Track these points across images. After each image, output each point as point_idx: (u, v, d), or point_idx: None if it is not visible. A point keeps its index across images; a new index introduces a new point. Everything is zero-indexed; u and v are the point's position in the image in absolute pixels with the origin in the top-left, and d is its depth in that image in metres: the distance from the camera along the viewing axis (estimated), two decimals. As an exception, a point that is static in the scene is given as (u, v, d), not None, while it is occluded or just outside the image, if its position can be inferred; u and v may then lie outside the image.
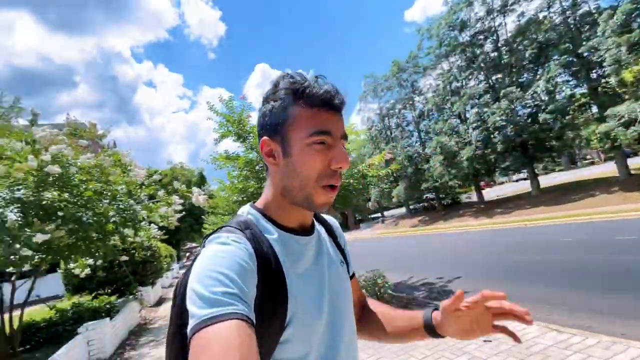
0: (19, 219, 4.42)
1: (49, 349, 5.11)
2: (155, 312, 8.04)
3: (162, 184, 8.92)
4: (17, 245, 4.19)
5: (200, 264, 0.51)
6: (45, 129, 5.29)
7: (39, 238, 4.33)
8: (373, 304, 0.87)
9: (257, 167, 6.69)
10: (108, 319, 5.23)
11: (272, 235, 0.62)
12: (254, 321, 0.47)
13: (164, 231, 8.38)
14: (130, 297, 7.73)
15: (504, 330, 0.64)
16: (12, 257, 4.32)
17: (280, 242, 0.61)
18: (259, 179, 6.59)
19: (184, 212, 7.88)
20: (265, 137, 0.62)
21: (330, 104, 0.59)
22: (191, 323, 0.45)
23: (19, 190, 4.77)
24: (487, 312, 0.64)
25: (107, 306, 6.53)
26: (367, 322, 0.83)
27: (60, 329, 5.73)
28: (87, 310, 6.24)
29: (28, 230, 4.46)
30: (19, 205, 4.57)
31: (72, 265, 6.88)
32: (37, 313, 6.74)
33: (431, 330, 0.71)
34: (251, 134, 6.41)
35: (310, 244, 0.67)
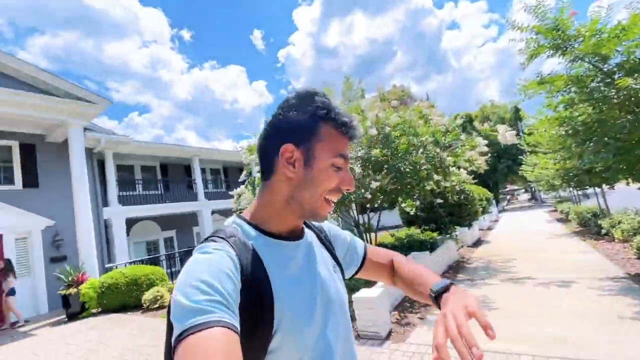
0: (361, 171, 6.09)
1: (392, 265, 6.87)
2: (471, 252, 8.40)
3: (465, 127, 8.77)
4: (362, 190, 5.78)
5: (182, 276, 0.51)
6: (367, 99, 6.75)
7: (374, 185, 5.71)
8: (399, 267, 0.86)
9: (590, 85, 4.71)
10: (428, 252, 6.13)
11: (257, 241, 0.62)
12: (238, 328, 0.46)
13: (472, 175, 8.34)
14: (447, 236, 8.56)
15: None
16: (362, 197, 6.03)
17: (266, 248, 0.61)
18: (594, 101, 4.65)
19: (495, 154, 7.37)
20: (289, 144, 0.62)
21: (351, 132, 0.65)
22: (175, 333, 0.45)
23: (359, 151, 6.53)
24: None
25: (431, 240, 7.65)
26: (398, 284, 0.86)
27: (399, 252, 7.50)
28: (416, 241, 7.66)
29: (367, 180, 6.06)
30: (360, 161, 6.23)
31: (403, 204, 8.68)
32: (383, 237, 9.22)
33: (437, 302, 0.70)
34: (578, 39, 4.52)
35: (300, 248, 0.67)
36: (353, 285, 4.99)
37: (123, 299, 7.28)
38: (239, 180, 7.87)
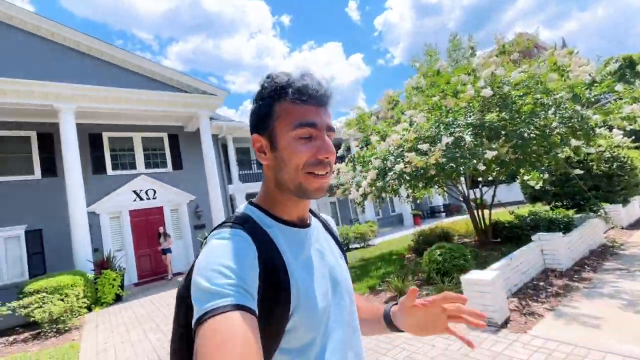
0: (473, 139, 5.37)
1: (511, 246, 6.00)
2: (628, 235, 6.59)
3: (622, 74, 6.64)
4: (474, 161, 5.12)
5: (202, 259, 0.53)
6: (479, 56, 5.80)
7: (489, 155, 4.98)
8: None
9: None
10: (561, 233, 5.08)
11: (271, 227, 0.63)
12: (256, 311, 0.48)
13: (631, 138, 6.39)
14: (591, 214, 6.90)
15: (459, 336, 0.68)
16: (472, 169, 5.35)
17: (280, 234, 0.62)
18: None
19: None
20: (255, 134, 0.64)
21: (312, 97, 0.60)
22: (195, 315, 0.46)
23: (470, 116, 5.75)
24: (443, 313, 0.69)
25: (565, 219, 6.34)
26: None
27: (519, 232, 6.47)
28: (542, 219, 6.46)
29: (479, 149, 5.31)
30: (471, 128, 5.49)
31: (526, 177, 7.38)
32: (500, 215, 8.08)
33: (389, 322, 0.77)
34: None
35: (309, 235, 0.68)
36: (462, 266, 4.59)
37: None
38: (337, 155, 8.02)
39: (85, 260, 7.39)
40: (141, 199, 10.04)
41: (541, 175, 6.46)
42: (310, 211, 0.74)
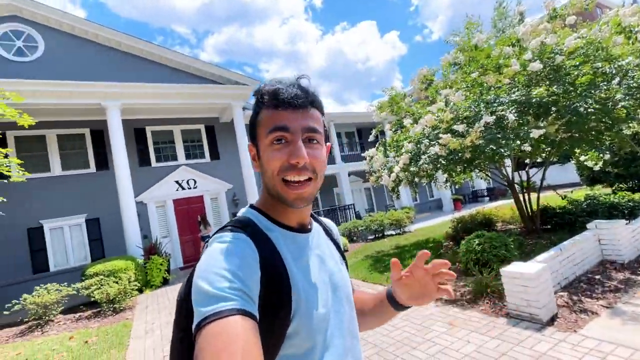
0: (517, 118, 4.88)
1: (563, 234, 5.46)
2: None
3: None
4: (518, 142, 4.66)
5: (203, 263, 0.52)
6: (526, 24, 5.18)
7: (535, 134, 4.50)
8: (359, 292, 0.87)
9: None
10: (623, 220, 4.48)
11: (273, 231, 0.63)
12: (257, 316, 0.48)
13: None
14: (664, 197, 6.03)
15: (446, 290, 0.70)
16: (516, 150, 4.87)
17: (281, 238, 0.63)
18: None
19: None
20: (249, 143, 0.68)
21: (285, 102, 0.60)
22: (196, 319, 0.46)
23: (514, 92, 5.20)
24: (431, 278, 0.69)
25: (630, 204, 5.61)
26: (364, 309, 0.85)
27: (573, 218, 5.84)
28: (601, 204, 5.78)
29: (524, 128, 4.81)
30: (516, 105, 4.98)
31: (583, 157, 6.61)
32: (549, 199, 7.37)
33: (392, 300, 0.77)
34: None
35: (310, 240, 0.68)
36: (504, 257, 4.26)
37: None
38: (369, 140, 7.78)
39: (135, 246, 8.03)
40: (183, 188, 10.63)
41: (601, 155, 5.74)
42: (312, 216, 0.75)
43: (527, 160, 6.85)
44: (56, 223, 8.83)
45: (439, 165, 5.48)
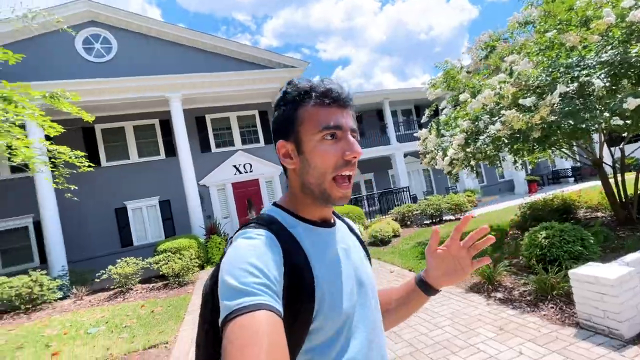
0: (607, 84, 3.94)
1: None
2: None
3: None
4: (606, 114, 3.78)
5: (229, 258, 0.54)
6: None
7: (631, 104, 3.59)
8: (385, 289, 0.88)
9: None
10: None
11: (296, 228, 0.64)
12: (282, 311, 0.49)
13: None
14: None
15: (480, 261, 0.75)
16: (603, 124, 3.97)
17: (305, 234, 0.63)
18: None
19: None
20: (280, 141, 0.65)
21: (336, 100, 0.62)
22: (222, 313, 0.47)
23: (605, 52, 4.19)
24: (467, 252, 0.74)
25: None
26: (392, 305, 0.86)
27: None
28: None
29: (618, 96, 3.87)
30: (607, 68, 4.02)
31: None
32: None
33: (423, 283, 0.79)
34: None
35: (334, 235, 0.69)
36: (579, 254, 3.58)
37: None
38: (422, 121, 7.15)
39: (198, 226, 8.79)
40: (240, 172, 11.22)
41: None
42: (334, 213, 0.76)
43: (625, 134, 5.59)
44: (136, 204, 10.11)
45: (501, 145, 4.77)
